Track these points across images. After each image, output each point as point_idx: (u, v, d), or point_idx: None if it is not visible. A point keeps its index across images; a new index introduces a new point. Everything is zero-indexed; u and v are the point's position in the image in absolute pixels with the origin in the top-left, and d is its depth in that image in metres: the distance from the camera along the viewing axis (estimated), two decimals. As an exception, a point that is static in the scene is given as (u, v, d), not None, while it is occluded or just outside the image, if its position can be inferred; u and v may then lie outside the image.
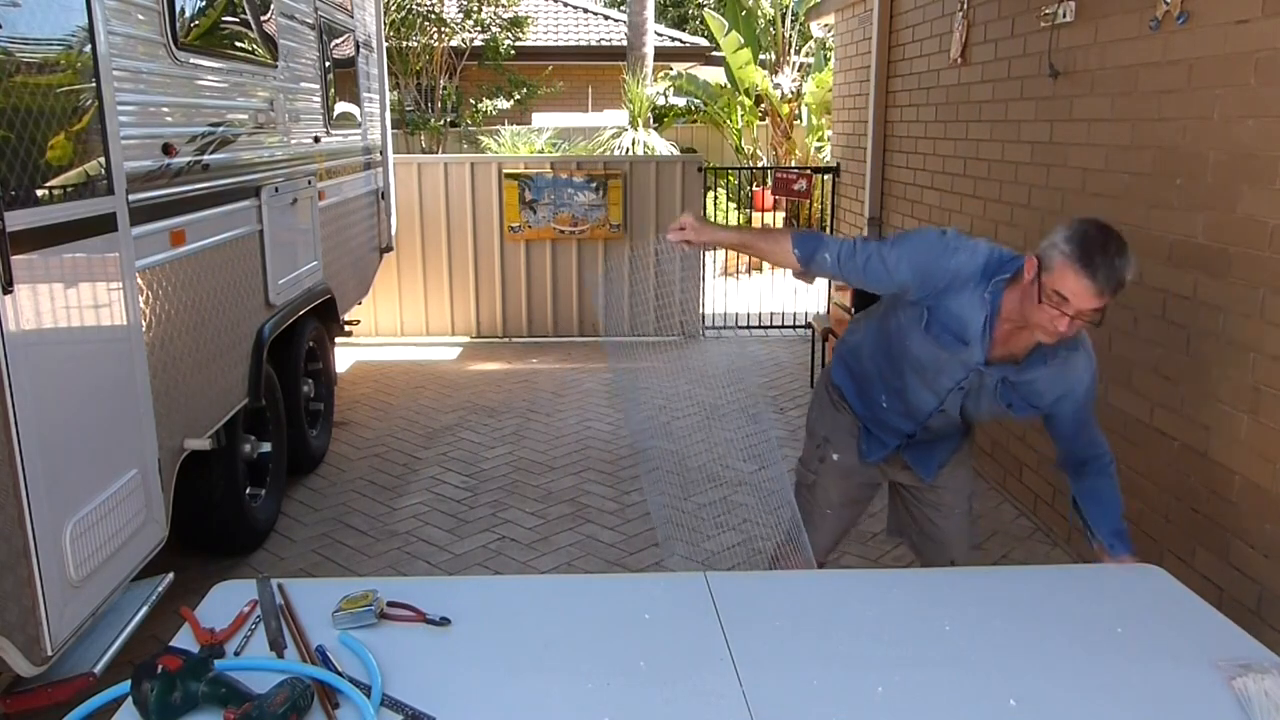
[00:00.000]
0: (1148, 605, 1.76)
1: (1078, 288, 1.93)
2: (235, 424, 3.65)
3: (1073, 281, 1.93)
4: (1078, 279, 1.92)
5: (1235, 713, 1.41)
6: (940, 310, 2.18)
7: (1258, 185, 2.83)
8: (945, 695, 1.46)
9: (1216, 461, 3.03)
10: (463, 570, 3.78)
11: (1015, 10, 4.39)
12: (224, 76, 3.61)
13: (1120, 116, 3.55)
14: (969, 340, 2.18)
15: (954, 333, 2.19)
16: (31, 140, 2.25)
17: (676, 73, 16.47)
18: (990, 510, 4.38)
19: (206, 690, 1.36)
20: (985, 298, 2.13)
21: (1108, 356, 3.65)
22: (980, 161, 4.80)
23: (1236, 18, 2.91)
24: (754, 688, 1.47)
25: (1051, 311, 1.96)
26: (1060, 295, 1.95)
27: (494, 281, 7.47)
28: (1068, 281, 1.94)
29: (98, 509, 2.48)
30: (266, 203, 3.88)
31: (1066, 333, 1.99)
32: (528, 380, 6.52)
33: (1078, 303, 1.94)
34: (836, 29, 7.86)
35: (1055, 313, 1.96)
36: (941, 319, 2.18)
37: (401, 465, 4.92)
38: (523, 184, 7.26)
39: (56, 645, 2.27)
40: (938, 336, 2.21)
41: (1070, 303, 1.94)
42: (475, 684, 1.47)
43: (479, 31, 13.24)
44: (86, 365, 2.53)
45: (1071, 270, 1.93)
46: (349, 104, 5.48)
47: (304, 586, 1.75)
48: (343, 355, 6.71)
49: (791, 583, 2.06)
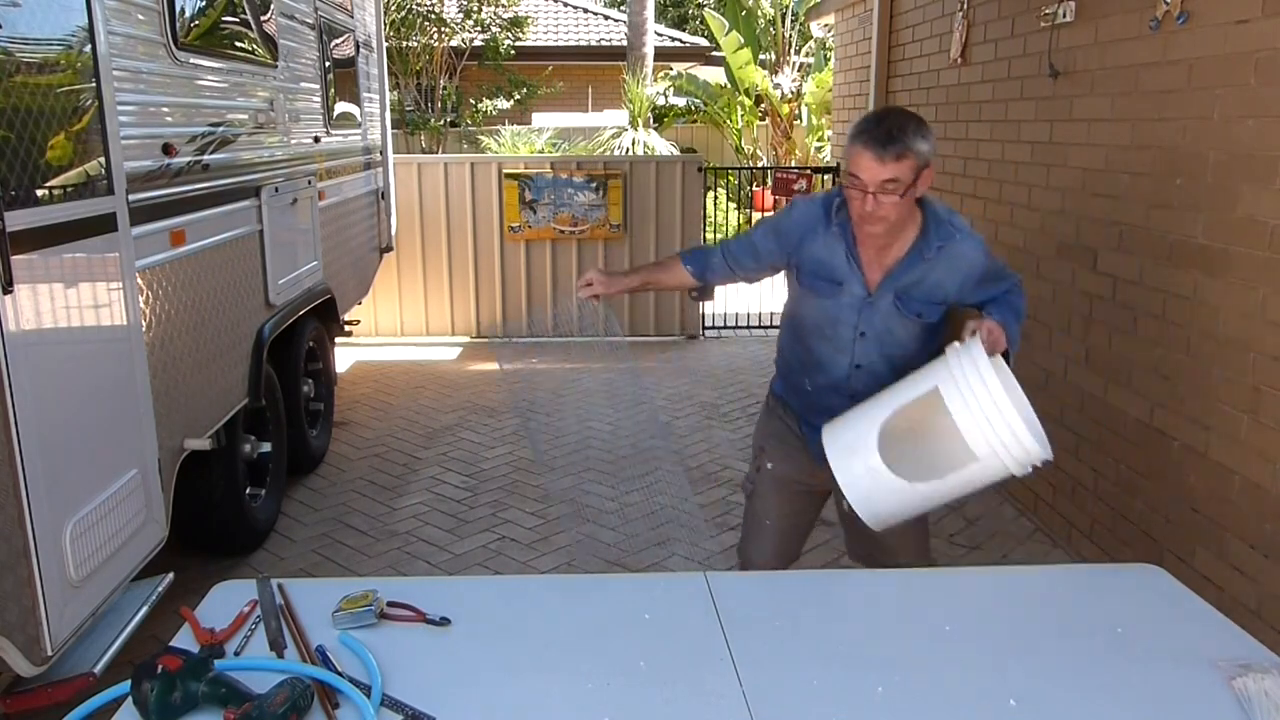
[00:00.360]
0: (1148, 605, 1.76)
1: (861, 160, 2.04)
2: (235, 424, 3.65)
3: (856, 156, 2.05)
4: (859, 153, 2.04)
5: (1235, 713, 1.41)
6: (806, 261, 2.26)
7: (1258, 185, 2.83)
8: (945, 695, 1.46)
9: (1216, 461, 3.03)
10: (463, 570, 3.78)
11: (1015, 10, 4.39)
12: (224, 76, 3.61)
13: (1120, 116, 3.55)
14: (842, 279, 2.24)
15: (825, 277, 2.26)
16: (31, 140, 2.25)
17: (676, 73, 16.48)
18: (990, 510, 4.38)
19: (206, 690, 1.36)
20: (836, 230, 2.22)
21: (1107, 356, 3.66)
22: (980, 161, 4.80)
23: (1236, 18, 2.91)
24: (754, 688, 1.47)
25: (854, 194, 2.08)
26: (855, 176, 2.06)
27: (494, 281, 7.47)
28: (854, 159, 2.06)
29: (98, 509, 2.48)
30: (266, 203, 3.88)
31: (877, 211, 2.06)
32: (528, 380, 6.52)
33: (868, 176, 2.03)
34: (836, 29, 7.86)
35: (857, 194, 2.07)
36: (810, 269, 2.26)
37: (401, 465, 4.92)
38: (523, 184, 7.26)
39: (56, 645, 2.27)
40: (813, 287, 2.27)
41: (863, 178, 2.04)
42: (475, 684, 1.47)
43: (479, 31, 13.26)
44: (86, 365, 2.53)
45: (854, 148, 2.06)
46: (349, 104, 5.48)
47: (304, 586, 1.75)
48: (343, 355, 6.71)
49: (791, 583, 2.06)
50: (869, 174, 2.03)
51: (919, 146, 2.04)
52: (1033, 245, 4.26)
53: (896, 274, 2.21)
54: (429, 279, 7.47)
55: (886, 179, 2.02)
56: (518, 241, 7.37)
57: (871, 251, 2.21)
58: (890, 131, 2.02)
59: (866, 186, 2.04)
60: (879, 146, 2.01)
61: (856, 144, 2.05)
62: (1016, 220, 4.42)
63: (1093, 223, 3.75)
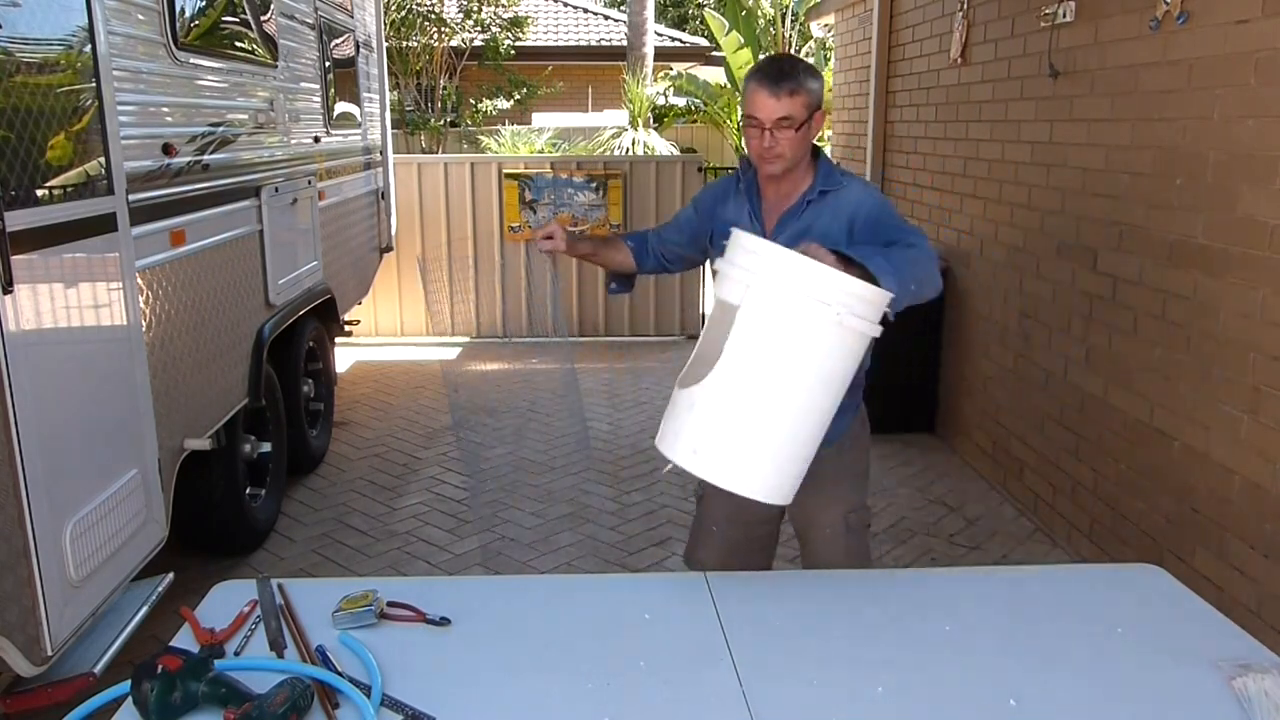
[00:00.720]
0: (1148, 605, 1.76)
1: (757, 99, 2.11)
2: (235, 424, 3.65)
3: (753, 95, 2.12)
4: (755, 91, 2.11)
5: (1235, 713, 1.41)
6: (719, 227, 2.27)
7: (1258, 185, 2.83)
8: (945, 695, 1.46)
9: (1216, 461, 3.03)
10: (463, 570, 3.78)
11: (1015, 10, 4.39)
12: (224, 76, 3.61)
13: (1120, 116, 3.55)
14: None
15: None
16: (31, 140, 2.25)
17: (676, 73, 16.47)
18: (990, 510, 4.38)
19: (206, 690, 1.36)
20: (742, 190, 2.29)
21: (1107, 356, 3.66)
22: (980, 161, 4.80)
23: (1236, 18, 2.91)
24: (754, 688, 1.47)
25: (753, 133, 2.13)
26: (752, 116, 2.13)
27: (494, 281, 7.47)
28: (751, 99, 2.12)
29: (98, 509, 2.48)
30: (266, 203, 3.88)
31: (774, 148, 2.11)
32: (528, 380, 6.52)
33: (764, 115, 2.10)
34: (836, 29, 7.86)
35: (755, 132, 2.13)
36: (722, 233, 2.18)
37: (401, 465, 4.92)
38: (523, 184, 7.26)
39: (56, 645, 2.27)
40: (722, 250, 2.16)
41: (759, 117, 2.10)
42: (475, 684, 1.47)
43: (479, 31, 13.25)
44: (86, 365, 2.53)
45: (749, 88, 2.13)
46: (349, 104, 5.48)
47: (304, 586, 1.75)
48: (343, 355, 6.71)
49: (791, 583, 2.06)
50: (765, 111, 2.10)
51: (810, 85, 2.12)
52: (1033, 245, 4.26)
53: (785, 220, 2.24)
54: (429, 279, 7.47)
55: (781, 116, 2.10)
56: (518, 241, 7.37)
57: (771, 203, 2.27)
58: (783, 70, 2.11)
59: (764, 124, 2.11)
60: (773, 84, 2.09)
61: (752, 83, 2.14)
62: (1016, 220, 4.42)
63: (1093, 223, 3.75)
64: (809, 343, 1.75)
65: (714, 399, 1.79)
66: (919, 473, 4.84)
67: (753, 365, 1.77)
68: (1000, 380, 4.61)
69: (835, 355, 1.78)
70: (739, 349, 1.76)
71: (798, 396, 1.78)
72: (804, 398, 1.78)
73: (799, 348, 1.75)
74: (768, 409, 1.77)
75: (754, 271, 1.76)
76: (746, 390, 1.77)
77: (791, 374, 1.76)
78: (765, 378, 1.77)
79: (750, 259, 1.79)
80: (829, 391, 1.81)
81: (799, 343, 1.75)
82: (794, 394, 1.77)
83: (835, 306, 1.71)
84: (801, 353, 1.76)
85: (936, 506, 4.43)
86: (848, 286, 1.74)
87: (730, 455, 1.79)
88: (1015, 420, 4.45)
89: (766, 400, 1.77)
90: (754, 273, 1.76)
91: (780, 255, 1.75)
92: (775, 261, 1.75)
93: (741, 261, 1.81)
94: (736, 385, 1.78)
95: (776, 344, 1.76)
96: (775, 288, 1.75)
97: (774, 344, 1.76)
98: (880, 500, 4.47)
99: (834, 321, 1.72)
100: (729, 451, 1.79)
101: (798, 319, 1.74)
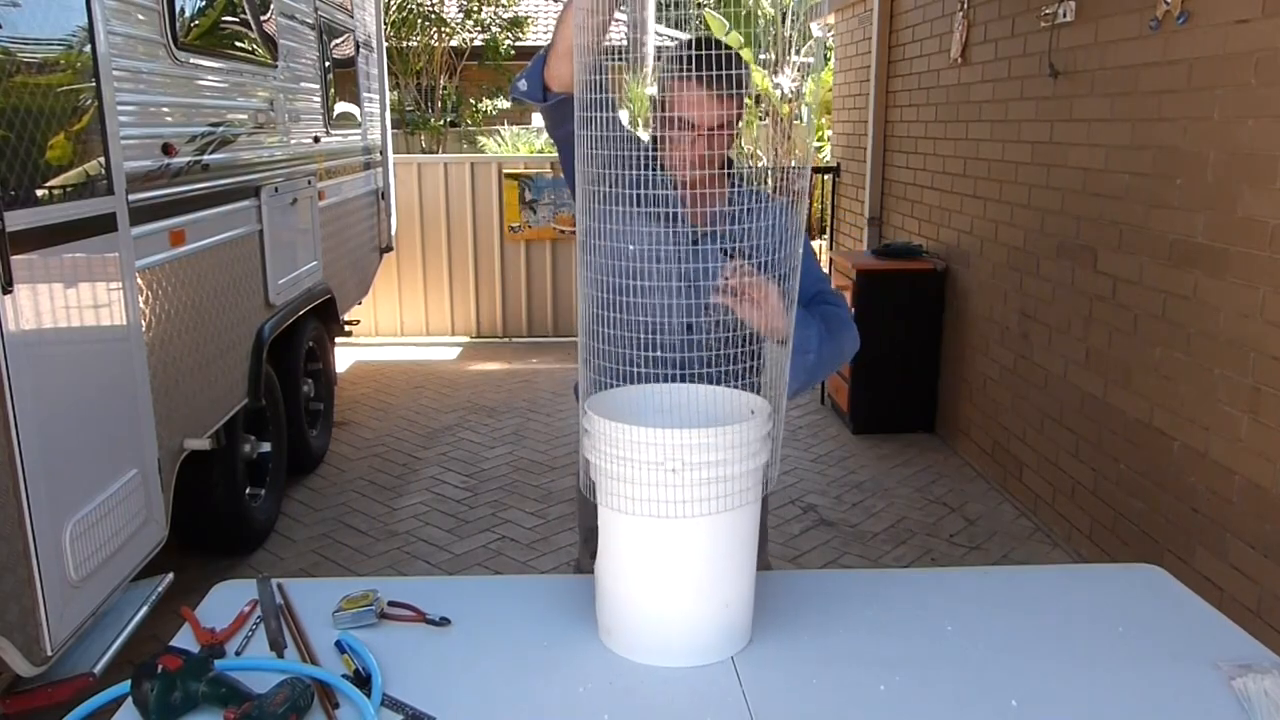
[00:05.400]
0: (1148, 605, 1.76)
1: (692, 99, 1.73)
2: (235, 424, 3.65)
3: (684, 94, 1.74)
4: (688, 90, 1.73)
5: (1235, 713, 1.41)
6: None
7: (1258, 185, 2.83)
8: (946, 695, 1.46)
9: (1216, 461, 3.03)
10: (463, 570, 3.78)
11: (1015, 10, 4.39)
12: (224, 76, 3.61)
13: (1120, 116, 3.55)
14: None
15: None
16: (31, 140, 2.25)
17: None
18: (990, 510, 4.38)
19: (206, 690, 1.36)
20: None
21: (1107, 356, 3.66)
22: (980, 161, 4.80)
23: (1236, 18, 2.91)
24: (754, 688, 1.47)
25: (679, 137, 1.76)
26: (681, 119, 1.75)
27: (494, 281, 7.47)
28: (682, 99, 1.74)
29: (98, 509, 2.48)
30: (266, 203, 3.88)
31: (709, 159, 1.77)
32: (528, 380, 6.52)
33: (702, 119, 1.74)
34: (836, 29, 7.86)
35: (683, 137, 1.75)
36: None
37: (401, 465, 4.92)
38: (523, 184, 7.26)
39: (56, 645, 2.27)
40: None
41: (694, 122, 1.74)
42: (475, 684, 1.47)
43: (479, 31, 13.26)
44: (86, 365, 2.53)
45: (678, 84, 1.74)
46: (349, 104, 5.48)
47: (304, 586, 1.74)
48: (343, 355, 6.71)
49: (791, 582, 2.06)
50: (704, 114, 1.74)
51: (750, 77, 1.77)
52: (1033, 245, 4.26)
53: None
54: (429, 279, 7.47)
55: (723, 122, 1.75)
56: (518, 241, 7.37)
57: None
58: (726, 63, 1.64)
59: (700, 129, 1.75)
60: (716, 82, 1.68)
61: (685, 79, 1.72)
62: (1016, 220, 4.42)
63: (1093, 223, 3.75)
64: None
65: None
66: (919, 473, 4.84)
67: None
68: (1000, 380, 4.61)
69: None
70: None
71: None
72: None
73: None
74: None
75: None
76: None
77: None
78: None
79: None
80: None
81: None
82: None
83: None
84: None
85: (936, 506, 4.43)
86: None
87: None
88: (1015, 420, 4.45)
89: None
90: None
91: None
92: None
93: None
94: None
95: None
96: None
97: None
98: (880, 500, 4.47)
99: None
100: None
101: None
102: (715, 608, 1.52)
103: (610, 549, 1.54)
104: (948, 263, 5.21)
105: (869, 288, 5.25)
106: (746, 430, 1.45)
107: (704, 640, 1.54)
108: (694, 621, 1.53)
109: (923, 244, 5.57)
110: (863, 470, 4.87)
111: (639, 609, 1.53)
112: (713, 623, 1.54)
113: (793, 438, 5.40)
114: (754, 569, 1.59)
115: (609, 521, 1.52)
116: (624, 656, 1.53)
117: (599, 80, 1.54)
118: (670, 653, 1.53)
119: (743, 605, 1.57)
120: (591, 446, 1.51)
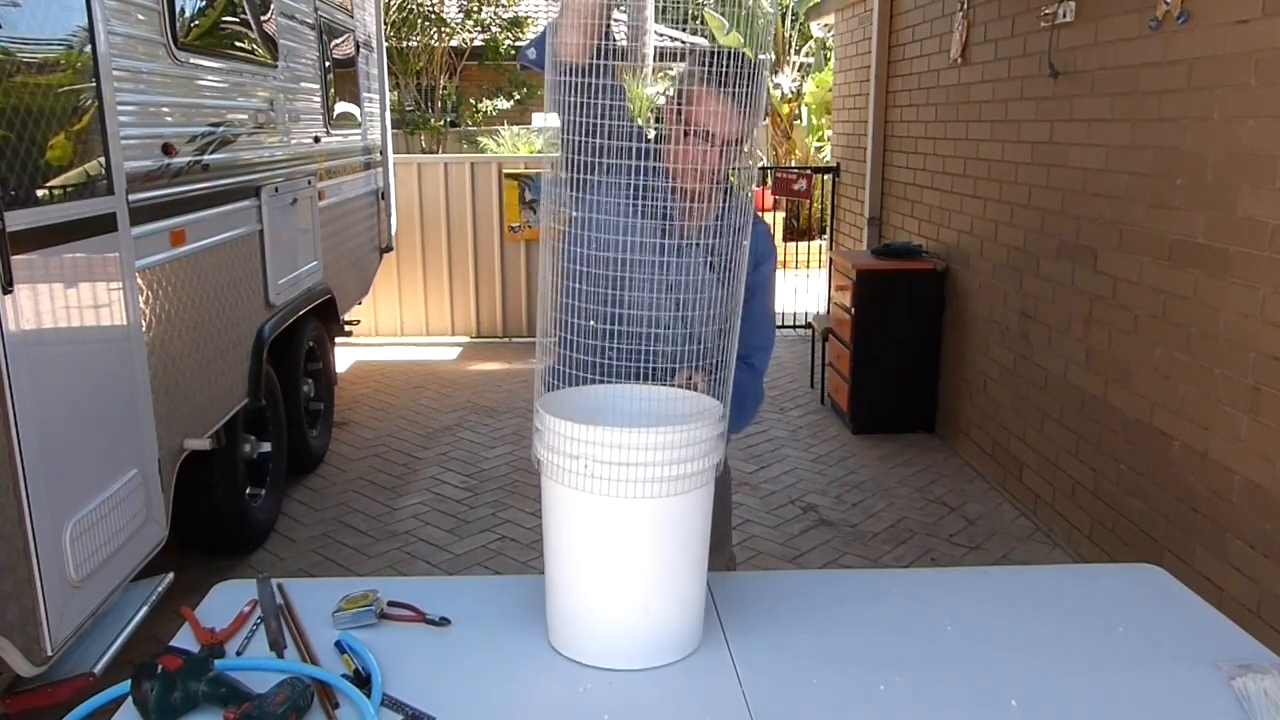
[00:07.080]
0: (1148, 605, 1.76)
1: (711, 110, 1.74)
2: (235, 424, 3.65)
3: (702, 104, 1.75)
4: (707, 100, 1.74)
5: (1235, 713, 1.41)
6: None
7: (1258, 185, 2.83)
8: (946, 695, 1.46)
9: (1216, 461, 3.03)
10: (463, 570, 3.78)
11: (1015, 10, 4.39)
12: (224, 76, 3.61)
13: (1120, 116, 3.55)
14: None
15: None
16: (31, 140, 2.25)
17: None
18: (990, 510, 4.38)
19: (206, 690, 1.36)
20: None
21: (1107, 356, 3.66)
22: (980, 161, 4.80)
23: (1236, 18, 2.91)
24: (754, 688, 1.47)
25: (690, 143, 1.77)
26: (697, 127, 1.76)
27: (494, 281, 7.47)
28: (700, 110, 1.75)
29: (98, 509, 2.48)
30: (266, 203, 3.88)
31: (721, 171, 1.78)
32: (528, 380, 6.52)
33: (720, 130, 1.75)
34: (836, 29, 7.86)
35: (694, 144, 1.76)
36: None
37: (401, 465, 4.92)
38: (523, 184, 7.26)
39: (56, 645, 2.27)
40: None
41: (712, 131, 1.75)
42: (475, 684, 1.47)
43: (479, 31, 13.26)
44: (86, 365, 2.53)
45: (698, 93, 1.75)
46: (349, 104, 5.48)
47: (304, 586, 1.74)
48: (343, 355, 6.71)
49: (792, 582, 2.06)
50: (722, 127, 1.75)
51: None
52: (1033, 245, 4.26)
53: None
54: (429, 279, 7.47)
55: (739, 137, 1.75)
56: (518, 241, 7.37)
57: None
58: (745, 76, 1.64)
59: (715, 139, 1.76)
60: (735, 95, 1.68)
61: (706, 88, 1.73)
62: (1016, 220, 4.42)
63: (1093, 223, 3.75)
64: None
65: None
66: (919, 473, 4.84)
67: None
68: (1000, 380, 4.61)
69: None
70: None
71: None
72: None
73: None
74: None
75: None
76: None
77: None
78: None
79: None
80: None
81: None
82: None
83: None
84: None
85: (936, 506, 4.43)
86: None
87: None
88: (1015, 420, 4.45)
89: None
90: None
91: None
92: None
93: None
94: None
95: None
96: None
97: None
98: (880, 500, 4.47)
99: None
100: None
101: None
102: (636, 612, 1.53)
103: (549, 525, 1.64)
104: (948, 263, 5.21)
105: (869, 288, 5.25)
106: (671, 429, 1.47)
107: (628, 644, 1.53)
108: (619, 624, 1.54)
109: (923, 244, 5.57)
110: (863, 470, 4.87)
111: (568, 601, 1.58)
112: (637, 627, 1.54)
113: (793, 438, 5.40)
114: (692, 576, 1.57)
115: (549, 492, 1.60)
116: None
117: (604, 66, 1.57)
118: (608, 653, 1.53)
119: (670, 612, 1.55)
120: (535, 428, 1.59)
